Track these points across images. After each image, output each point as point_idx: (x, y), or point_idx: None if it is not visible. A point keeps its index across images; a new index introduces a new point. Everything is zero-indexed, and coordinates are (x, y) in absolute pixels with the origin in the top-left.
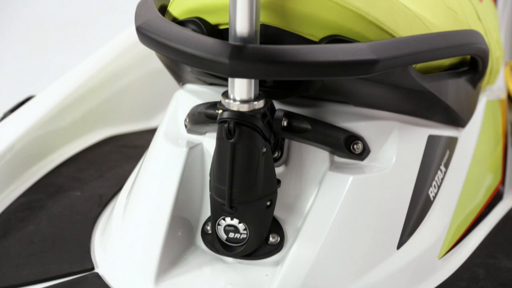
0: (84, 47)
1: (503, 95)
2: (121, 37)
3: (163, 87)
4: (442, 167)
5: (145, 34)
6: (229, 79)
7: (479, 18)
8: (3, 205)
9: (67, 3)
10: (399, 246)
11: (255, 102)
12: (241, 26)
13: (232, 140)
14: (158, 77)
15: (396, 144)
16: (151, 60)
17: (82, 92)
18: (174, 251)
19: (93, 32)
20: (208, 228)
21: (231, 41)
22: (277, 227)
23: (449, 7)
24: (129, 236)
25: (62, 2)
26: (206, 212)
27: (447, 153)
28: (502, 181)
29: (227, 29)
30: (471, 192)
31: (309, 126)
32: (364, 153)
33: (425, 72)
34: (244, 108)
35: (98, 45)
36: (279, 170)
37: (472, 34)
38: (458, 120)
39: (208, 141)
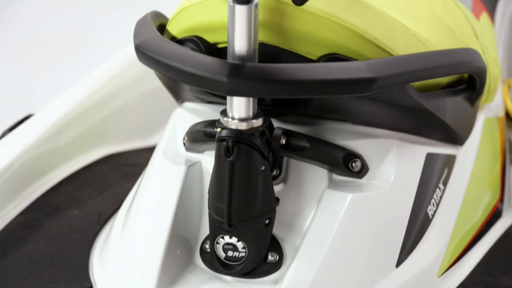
0: (83, 66)
1: (501, 113)
2: (120, 55)
3: (162, 106)
4: (441, 185)
5: (143, 53)
6: (228, 98)
7: (476, 36)
8: (1, 224)
9: (67, 20)
10: (398, 264)
11: (254, 120)
12: (240, 45)
13: (231, 158)
14: (156, 95)
15: (394, 162)
16: (150, 78)
17: (81, 110)
18: (173, 270)
19: (91, 51)
20: (207, 246)
21: (229, 59)
22: (275, 245)
23: (447, 26)
24: (128, 255)
25: (62, 19)
26: (205, 231)
27: (446, 171)
28: (501, 199)
29: (225, 48)
30: (470, 210)
31: (307, 144)
32: (362, 171)
33: (423, 90)
34: (243, 126)
35: (96, 63)
36: (277, 188)
37: (469, 52)
38: (456, 138)
39: (207, 159)
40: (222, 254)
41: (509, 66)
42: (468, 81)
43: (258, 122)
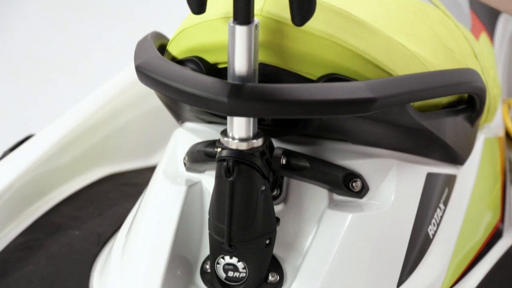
0: (83, 86)
1: (501, 133)
2: (120, 75)
3: (162, 126)
4: (441, 205)
5: (144, 73)
6: (228, 118)
7: (476, 56)
8: (1, 244)
9: (69, 40)
10: (399, 284)
11: (254, 141)
12: (240, 65)
13: (231, 178)
14: (157, 115)
15: (394, 182)
16: (150, 98)
17: (82, 130)
18: None
19: (92, 71)
20: (207, 266)
21: (229, 80)
22: (276, 266)
23: (447, 46)
24: (128, 275)
25: (64, 39)
26: (205, 251)
27: (446, 190)
28: (501, 219)
29: (225, 68)
30: (471, 230)
31: (307, 164)
32: (363, 191)
33: (423, 110)
34: (243, 146)
35: (97, 83)
36: (278, 208)
37: (469, 73)
38: (456, 157)
39: (207, 179)
40: (222, 275)
41: (508, 86)
42: (468, 101)
43: (258, 142)
